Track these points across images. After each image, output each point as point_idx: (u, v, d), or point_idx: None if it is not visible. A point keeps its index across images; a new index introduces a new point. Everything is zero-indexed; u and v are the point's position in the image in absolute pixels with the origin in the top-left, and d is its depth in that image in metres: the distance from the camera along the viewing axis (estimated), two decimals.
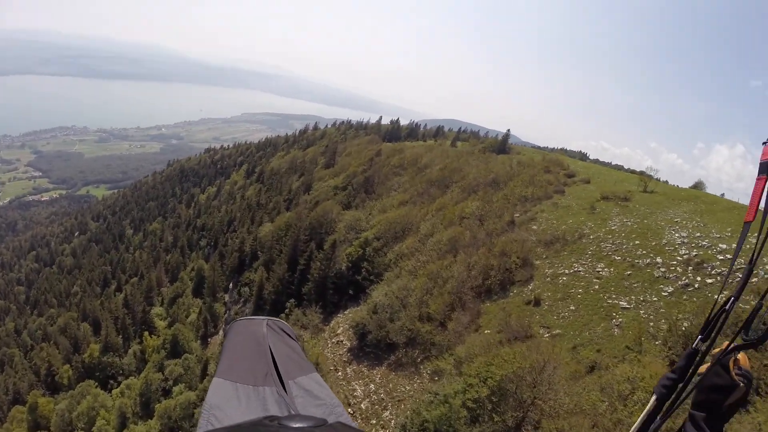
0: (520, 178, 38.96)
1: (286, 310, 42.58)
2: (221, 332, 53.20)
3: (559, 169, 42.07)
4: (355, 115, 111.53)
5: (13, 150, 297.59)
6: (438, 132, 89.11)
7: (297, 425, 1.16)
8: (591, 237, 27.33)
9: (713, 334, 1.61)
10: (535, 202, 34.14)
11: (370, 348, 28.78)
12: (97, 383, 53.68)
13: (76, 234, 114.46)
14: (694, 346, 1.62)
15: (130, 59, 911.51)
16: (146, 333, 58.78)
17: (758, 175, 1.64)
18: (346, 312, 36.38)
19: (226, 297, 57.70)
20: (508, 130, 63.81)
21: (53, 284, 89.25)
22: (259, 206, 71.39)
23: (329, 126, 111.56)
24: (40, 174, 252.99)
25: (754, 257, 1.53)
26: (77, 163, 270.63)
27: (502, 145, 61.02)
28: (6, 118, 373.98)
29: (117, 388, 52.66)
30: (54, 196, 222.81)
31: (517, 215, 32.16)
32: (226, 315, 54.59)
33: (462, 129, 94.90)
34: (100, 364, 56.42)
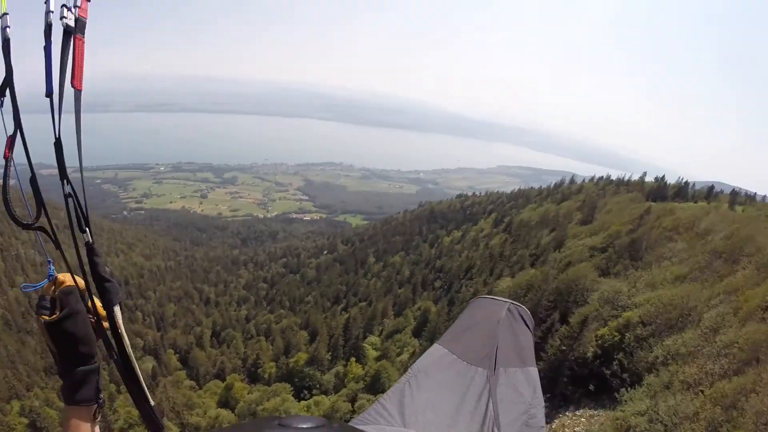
0: None
1: None
2: None
3: None
4: (610, 173, 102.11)
5: (286, 176, 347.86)
6: (710, 193, 74.63)
7: (297, 425, 1.20)
8: None
9: None
10: None
11: None
12: (292, 388, 54.40)
13: (324, 252, 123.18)
14: None
15: (394, 110, 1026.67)
16: (353, 359, 57.58)
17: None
18: (578, 412, 27.01)
19: None
20: None
21: (291, 289, 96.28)
22: (501, 257, 65.98)
23: (586, 181, 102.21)
24: (307, 198, 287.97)
25: None
26: (340, 194, 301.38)
27: None
28: (285, 150, 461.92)
29: (307, 400, 52.34)
30: (315, 217, 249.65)
31: None
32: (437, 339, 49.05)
33: (734, 191, 77.35)
34: (301, 373, 57.04)
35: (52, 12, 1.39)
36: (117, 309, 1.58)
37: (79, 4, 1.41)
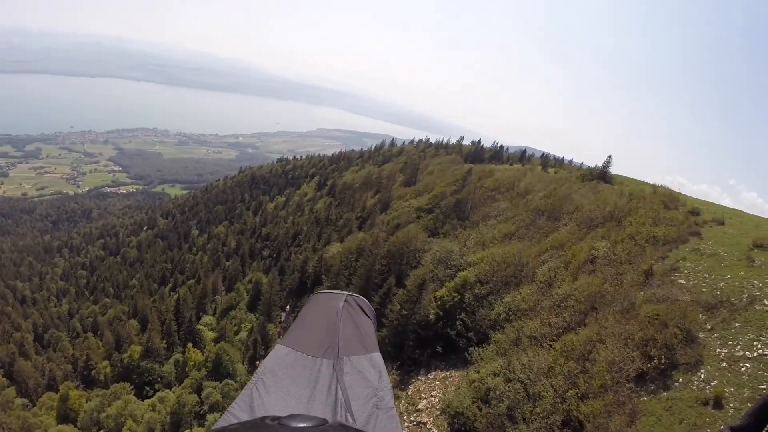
0: (641, 214, 30.56)
1: None
2: None
3: (678, 205, 32.95)
4: (429, 137, 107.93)
5: (96, 144, 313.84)
6: (523, 156, 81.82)
7: (297, 425, 1.16)
8: (766, 302, 19.62)
9: None
10: (669, 246, 25.40)
11: None
12: (132, 387, 49.72)
13: (144, 228, 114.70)
14: None
15: (212, 71, 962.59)
16: (190, 344, 54.22)
17: None
18: (430, 375, 27.40)
19: (282, 316, 51.76)
20: (610, 157, 52.20)
21: (114, 274, 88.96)
22: (328, 222, 66.18)
23: (407, 143, 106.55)
24: (120, 169, 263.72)
25: None
26: (156, 162, 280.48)
27: (602, 173, 50.44)
28: (92, 115, 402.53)
29: (151, 397, 48.09)
30: (131, 190, 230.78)
31: (653, 262, 23.63)
32: (279, 339, 47.66)
33: (544, 155, 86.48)
34: (138, 368, 52.23)
35: None
36: None
37: None
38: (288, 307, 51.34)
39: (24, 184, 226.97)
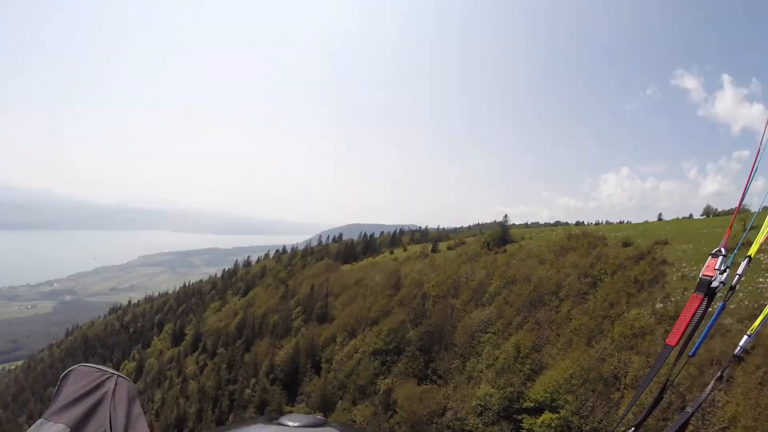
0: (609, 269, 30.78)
1: None
2: None
3: (600, 242, 35.78)
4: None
5: None
6: (394, 240, 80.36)
7: (296, 424, 1.12)
8: None
9: None
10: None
11: None
12: None
13: None
14: None
15: (16, 206, 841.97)
16: None
17: (695, 291, 1.42)
18: None
19: None
20: (506, 216, 55.37)
21: None
22: (224, 394, 53.45)
23: (263, 258, 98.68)
24: None
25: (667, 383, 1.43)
26: None
27: (504, 234, 51.34)
28: None
29: None
30: None
31: None
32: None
33: (402, 230, 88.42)
34: None
35: None
36: None
37: None
38: None
39: None
